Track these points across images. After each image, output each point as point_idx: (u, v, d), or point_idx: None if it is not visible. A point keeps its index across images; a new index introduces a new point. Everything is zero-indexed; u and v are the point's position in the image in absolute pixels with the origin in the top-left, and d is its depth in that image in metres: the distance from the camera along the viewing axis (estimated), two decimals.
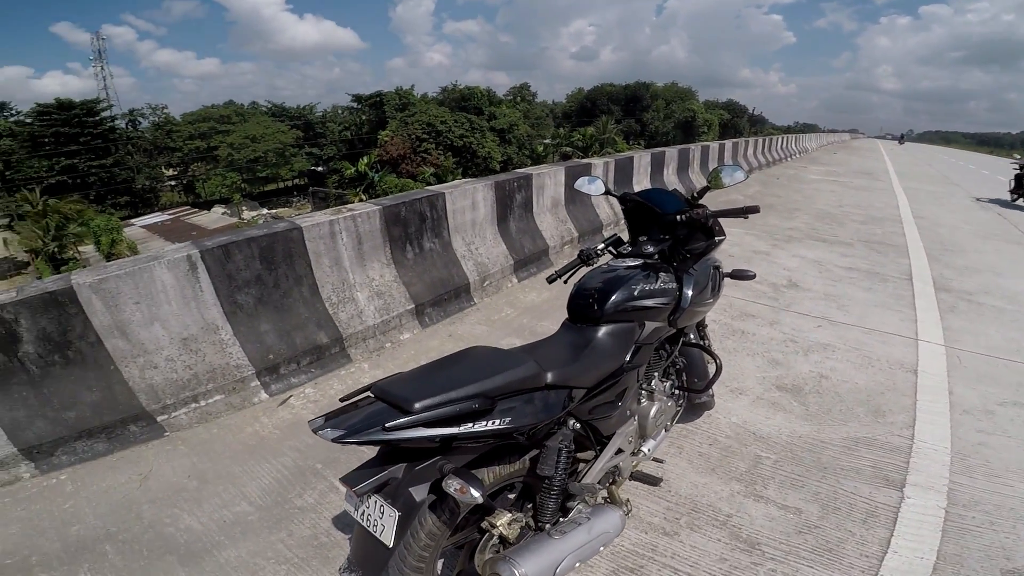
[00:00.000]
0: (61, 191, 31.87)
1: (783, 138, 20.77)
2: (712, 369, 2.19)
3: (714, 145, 10.94)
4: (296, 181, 44.87)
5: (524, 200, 4.89)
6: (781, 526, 2.05)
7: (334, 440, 1.17)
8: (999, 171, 22.42)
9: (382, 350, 3.44)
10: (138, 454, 2.46)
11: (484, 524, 1.40)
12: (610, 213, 6.37)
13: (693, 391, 2.33)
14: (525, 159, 44.51)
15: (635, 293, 1.80)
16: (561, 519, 1.58)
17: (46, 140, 34.42)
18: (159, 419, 2.56)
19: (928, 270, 5.48)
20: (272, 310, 2.95)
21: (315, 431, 1.21)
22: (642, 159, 7.42)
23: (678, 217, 1.99)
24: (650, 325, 1.89)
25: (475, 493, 1.17)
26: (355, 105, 48.29)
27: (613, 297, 1.74)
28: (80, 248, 26.98)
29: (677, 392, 2.30)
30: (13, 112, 39.18)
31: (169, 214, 34.95)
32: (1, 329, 2.20)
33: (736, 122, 52.27)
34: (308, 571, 1.86)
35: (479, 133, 39.14)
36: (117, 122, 40.50)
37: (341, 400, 1.35)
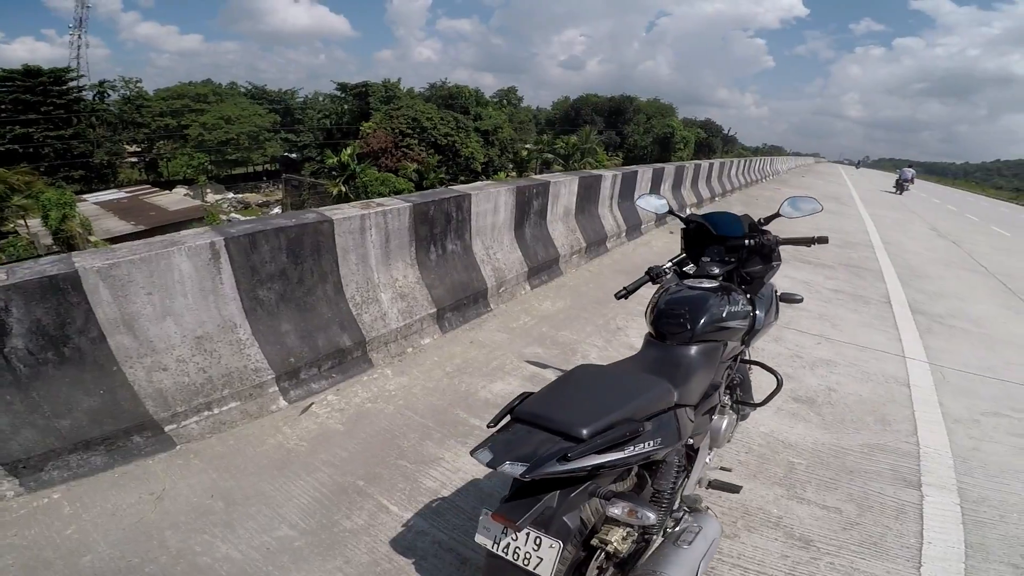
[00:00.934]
0: (10, 160, 29.71)
1: (760, 160, 21.42)
2: (752, 384, 2.37)
3: (705, 164, 11.11)
4: (268, 167, 43.31)
5: (540, 207, 4.74)
6: (827, 524, 2.20)
7: (522, 475, 1.15)
8: (951, 201, 25.89)
9: (404, 355, 3.22)
10: (144, 469, 2.17)
11: (594, 541, 1.34)
12: (613, 225, 6.28)
13: (751, 404, 2.36)
14: (507, 163, 44.49)
15: (723, 314, 1.82)
16: (669, 530, 1.60)
17: (2, 107, 32.12)
18: (167, 429, 2.27)
19: (903, 294, 5.93)
20: (294, 308, 2.69)
21: (493, 467, 1.19)
22: (645, 174, 7.40)
23: (747, 242, 2.07)
24: (730, 345, 1.93)
25: (650, 515, 1.20)
26: (339, 93, 46.98)
27: (705, 317, 1.74)
28: (28, 222, 25.21)
29: (736, 406, 2.36)
30: None
31: (127, 192, 32.94)
32: None
33: (711, 141, 53.62)
34: None
35: (464, 133, 38.76)
36: (84, 93, 38.14)
37: (489, 426, 1.35)
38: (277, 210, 34.60)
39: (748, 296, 2.04)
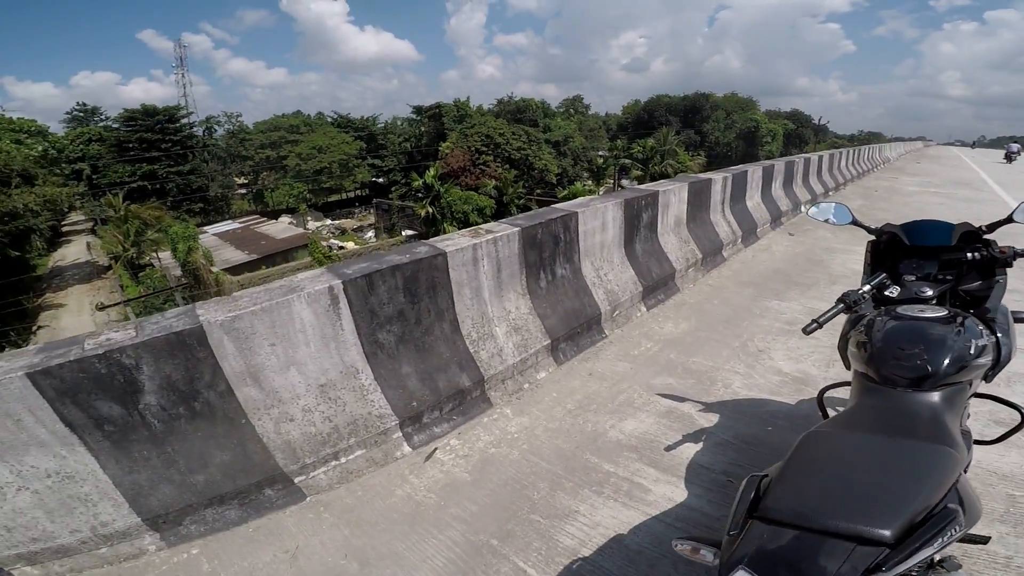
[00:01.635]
0: (141, 197, 33.21)
1: (868, 149, 19.40)
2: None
3: (814, 157, 10.09)
4: (359, 192, 45.91)
5: (650, 220, 4.36)
6: None
7: None
8: None
9: (521, 392, 2.99)
10: (277, 523, 2.09)
11: None
12: (728, 232, 5.72)
13: (984, 442, 1.94)
14: (581, 172, 44.00)
15: (971, 351, 1.49)
16: None
17: (131, 145, 35.87)
18: (296, 481, 2.18)
19: None
20: (413, 350, 2.55)
21: None
22: (754, 173, 6.74)
23: (969, 255, 1.75)
24: (974, 384, 1.62)
25: None
26: (415, 116, 49.03)
27: (950, 355, 1.44)
28: (159, 254, 28.38)
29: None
30: (103, 117, 41.22)
31: (240, 223, 36.26)
32: (120, 377, 1.86)
33: (802, 132, 49.61)
34: None
35: (536, 145, 38.93)
36: (195, 129, 42.06)
37: (731, 533, 1.05)
38: (370, 234, 36.42)
39: (988, 324, 1.62)
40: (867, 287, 1.73)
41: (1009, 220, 1.78)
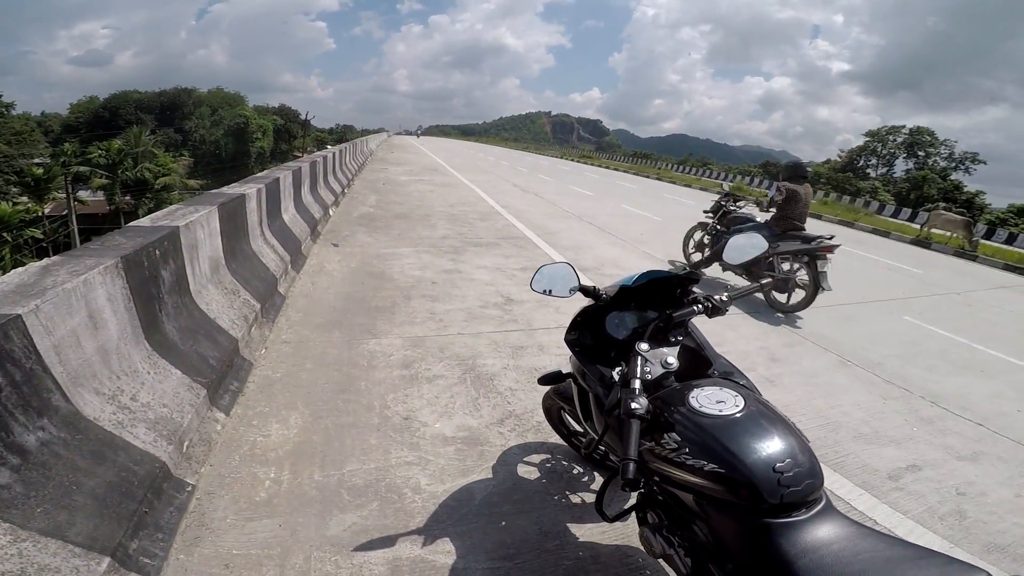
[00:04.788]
0: None
1: (362, 142, 21.62)
2: None
3: (328, 155, 9.94)
4: None
5: (175, 275, 2.81)
6: None
7: None
8: (491, 154, 34.44)
9: None
10: None
11: None
12: (276, 260, 4.62)
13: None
14: (10, 187, 31.59)
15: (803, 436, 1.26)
16: None
17: None
18: None
19: (561, 256, 6.58)
20: None
21: None
22: (286, 179, 5.77)
23: (697, 307, 1.59)
24: None
25: None
26: None
27: (813, 454, 1.19)
28: None
29: None
30: None
31: None
32: None
33: (290, 127, 51.83)
34: None
35: None
36: None
37: None
38: None
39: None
40: (638, 383, 1.29)
41: (717, 258, 1.67)
